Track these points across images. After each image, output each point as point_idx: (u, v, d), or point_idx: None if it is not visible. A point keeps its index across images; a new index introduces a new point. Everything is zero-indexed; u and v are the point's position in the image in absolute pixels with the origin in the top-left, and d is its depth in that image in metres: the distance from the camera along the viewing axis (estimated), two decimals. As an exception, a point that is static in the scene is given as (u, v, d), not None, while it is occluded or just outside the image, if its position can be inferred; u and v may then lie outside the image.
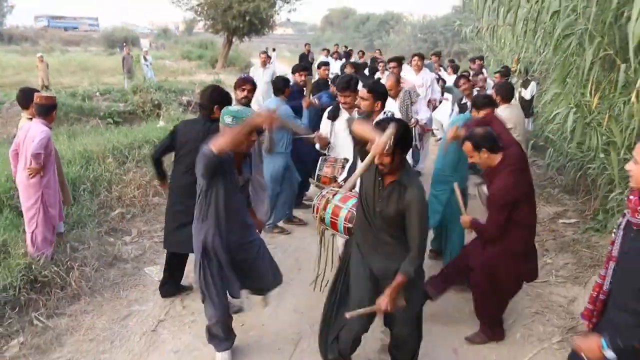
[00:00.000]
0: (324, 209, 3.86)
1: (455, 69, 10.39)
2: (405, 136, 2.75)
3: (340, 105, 4.73)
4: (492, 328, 3.86)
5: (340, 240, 4.30)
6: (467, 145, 3.56)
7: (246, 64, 29.34)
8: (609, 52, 4.08)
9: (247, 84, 4.83)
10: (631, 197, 2.26)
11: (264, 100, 7.41)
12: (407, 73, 8.05)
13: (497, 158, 3.49)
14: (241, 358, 3.63)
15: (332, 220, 3.79)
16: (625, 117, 4.19)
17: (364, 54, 16.01)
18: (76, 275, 4.45)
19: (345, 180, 4.38)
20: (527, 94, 8.65)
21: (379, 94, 4.14)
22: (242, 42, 30.47)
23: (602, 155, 4.86)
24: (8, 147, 8.95)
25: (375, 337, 3.74)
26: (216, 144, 2.85)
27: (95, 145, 7.62)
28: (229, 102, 3.93)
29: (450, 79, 9.66)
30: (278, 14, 28.99)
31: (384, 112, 4.18)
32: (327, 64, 8.04)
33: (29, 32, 52.42)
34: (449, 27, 36.99)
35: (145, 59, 19.06)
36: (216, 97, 3.92)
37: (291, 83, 6.11)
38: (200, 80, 20.10)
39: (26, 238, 4.55)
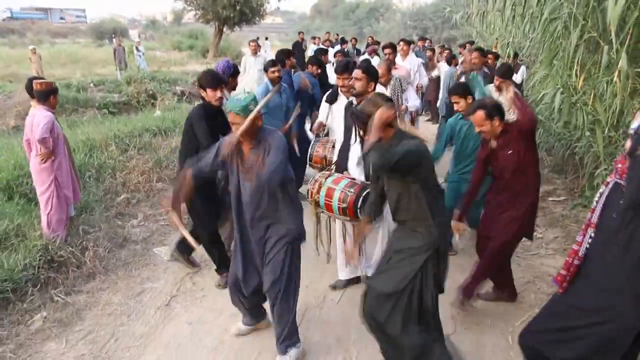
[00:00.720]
0: (318, 192, 3.99)
1: (449, 57, 10.33)
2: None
3: (338, 89, 4.89)
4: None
5: (338, 221, 4.41)
6: (480, 114, 3.64)
7: (237, 53, 29.33)
8: (592, 34, 4.32)
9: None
10: (619, 165, 2.39)
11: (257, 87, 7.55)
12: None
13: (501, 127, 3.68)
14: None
15: (327, 202, 3.93)
16: (608, 96, 4.44)
17: (357, 41, 16.17)
18: (90, 255, 4.69)
19: (335, 162, 4.49)
20: (517, 78, 8.87)
21: (373, 75, 4.25)
22: (232, 31, 30.47)
23: (588, 133, 5.11)
24: (9, 137, 9.16)
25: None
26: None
27: (97, 134, 7.80)
28: (215, 85, 4.11)
29: (443, 67, 9.80)
30: (268, 2, 29.00)
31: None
32: (326, 51, 8.30)
33: (14, 24, 52.02)
34: (438, 14, 37.22)
35: (138, 50, 19.11)
36: (201, 82, 4.15)
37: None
38: (193, 70, 20.20)
39: (42, 221, 4.77)
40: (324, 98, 5.06)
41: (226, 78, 4.80)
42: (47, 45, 33.14)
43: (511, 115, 3.89)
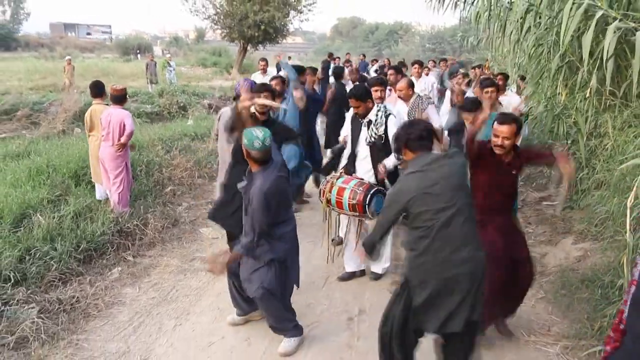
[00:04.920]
0: (329, 191, 4.49)
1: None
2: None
3: None
4: None
5: (343, 219, 4.94)
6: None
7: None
8: (572, 58, 5.23)
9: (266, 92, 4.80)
10: None
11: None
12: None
13: None
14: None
15: (338, 199, 4.43)
16: (584, 109, 5.33)
17: (377, 61, 17.16)
18: (151, 228, 5.66)
19: (344, 167, 4.86)
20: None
21: (362, 95, 4.58)
22: (256, 50, 31.71)
23: (569, 141, 6.00)
24: (64, 138, 10.19)
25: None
26: None
27: (143, 137, 8.85)
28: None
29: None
30: (292, 23, 30.21)
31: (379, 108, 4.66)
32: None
33: (44, 38, 54.09)
34: (456, 38, 38.17)
35: (169, 65, 20.30)
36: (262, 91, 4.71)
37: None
38: (218, 85, 21.40)
39: (113, 199, 5.78)
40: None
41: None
42: (80, 59, 34.67)
43: None
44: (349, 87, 8.57)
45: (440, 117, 6.49)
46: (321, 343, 3.90)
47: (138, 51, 45.29)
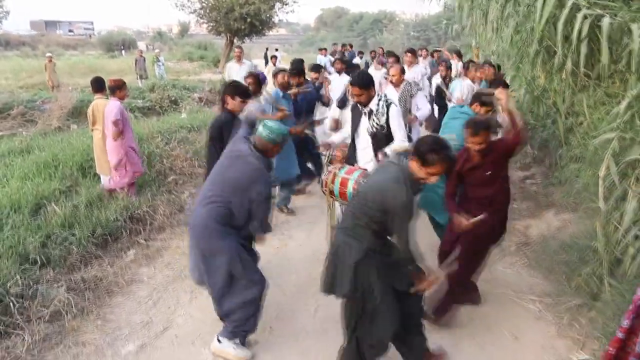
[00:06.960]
0: (332, 182, 4.53)
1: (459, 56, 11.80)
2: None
3: (346, 94, 5.68)
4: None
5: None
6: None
7: (246, 63, 30.72)
8: (549, 43, 5.61)
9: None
10: None
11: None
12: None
13: None
14: (287, 265, 5.12)
15: (341, 190, 4.47)
16: (562, 90, 5.74)
17: (362, 53, 17.49)
18: (160, 214, 6.00)
19: (345, 155, 4.96)
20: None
21: (366, 84, 4.60)
22: (243, 42, 31.84)
23: (549, 121, 6.41)
24: (61, 134, 10.42)
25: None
26: None
27: (142, 129, 9.15)
28: (243, 94, 4.87)
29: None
30: (277, 15, 30.38)
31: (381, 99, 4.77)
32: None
33: (25, 37, 53.60)
34: (440, 25, 38.60)
35: (158, 60, 20.50)
36: (227, 90, 4.89)
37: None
38: (207, 78, 21.62)
39: (119, 185, 6.13)
40: (334, 103, 5.96)
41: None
42: (65, 57, 34.59)
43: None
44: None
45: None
46: (331, 308, 4.27)
47: (122, 47, 45.15)
